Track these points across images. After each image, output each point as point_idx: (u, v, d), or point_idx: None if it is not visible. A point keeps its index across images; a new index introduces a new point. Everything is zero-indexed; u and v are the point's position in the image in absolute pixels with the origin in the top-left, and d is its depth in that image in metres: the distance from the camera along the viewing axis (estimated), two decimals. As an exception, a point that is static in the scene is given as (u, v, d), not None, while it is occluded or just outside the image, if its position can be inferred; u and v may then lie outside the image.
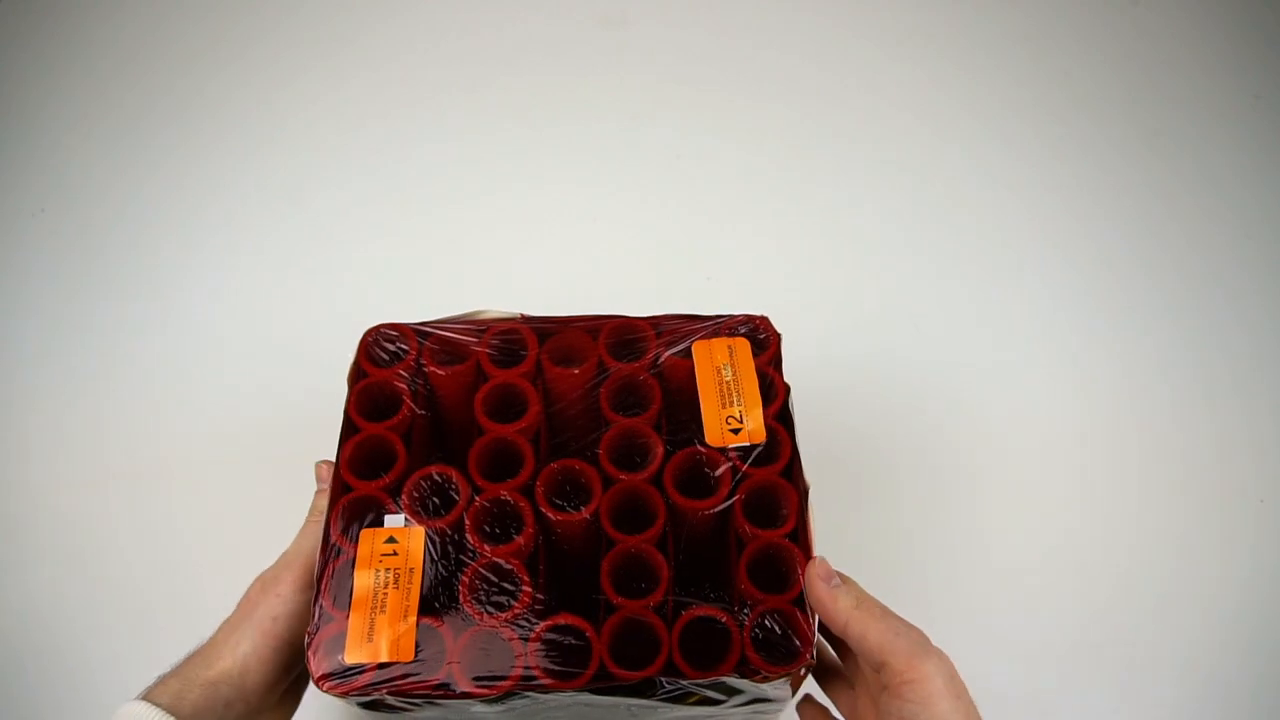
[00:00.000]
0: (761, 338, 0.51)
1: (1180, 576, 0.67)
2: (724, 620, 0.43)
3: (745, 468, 0.47)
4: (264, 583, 0.47)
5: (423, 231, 0.83)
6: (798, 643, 0.43)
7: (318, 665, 0.42)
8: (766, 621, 0.43)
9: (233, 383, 0.75)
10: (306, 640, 0.43)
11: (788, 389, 0.49)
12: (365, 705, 0.43)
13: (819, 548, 0.45)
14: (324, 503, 0.47)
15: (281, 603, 0.45)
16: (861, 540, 0.66)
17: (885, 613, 0.41)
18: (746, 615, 0.43)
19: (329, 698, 0.42)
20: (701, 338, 0.50)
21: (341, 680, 0.42)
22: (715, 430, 0.48)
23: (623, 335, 0.51)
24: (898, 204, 0.85)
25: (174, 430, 0.73)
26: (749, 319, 0.52)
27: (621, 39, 0.95)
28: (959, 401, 0.74)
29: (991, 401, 0.74)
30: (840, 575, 0.43)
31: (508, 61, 0.94)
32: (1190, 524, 0.69)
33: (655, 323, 0.51)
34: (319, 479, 0.49)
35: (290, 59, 0.94)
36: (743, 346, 0.50)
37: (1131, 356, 0.77)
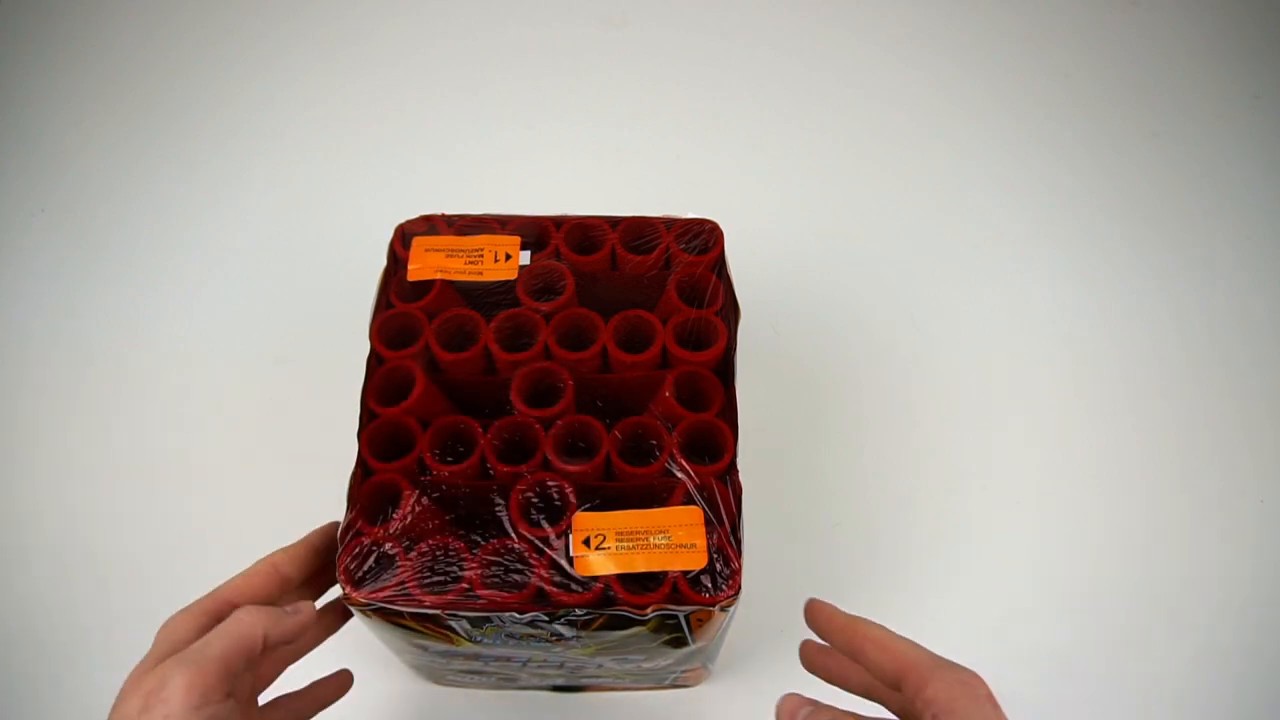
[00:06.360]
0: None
1: (1180, 577, 0.67)
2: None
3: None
4: (146, 692, 0.32)
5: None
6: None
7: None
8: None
9: (239, 381, 0.74)
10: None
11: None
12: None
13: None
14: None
15: None
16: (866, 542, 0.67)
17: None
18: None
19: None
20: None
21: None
22: None
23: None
24: (896, 204, 0.85)
25: (178, 428, 0.72)
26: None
27: (621, 39, 0.95)
28: (958, 402, 0.74)
29: (990, 403, 0.74)
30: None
31: (507, 62, 0.94)
32: (1190, 524, 0.69)
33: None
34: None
35: (291, 60, 0.94)
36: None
37: (1131, 357, 0.76)
